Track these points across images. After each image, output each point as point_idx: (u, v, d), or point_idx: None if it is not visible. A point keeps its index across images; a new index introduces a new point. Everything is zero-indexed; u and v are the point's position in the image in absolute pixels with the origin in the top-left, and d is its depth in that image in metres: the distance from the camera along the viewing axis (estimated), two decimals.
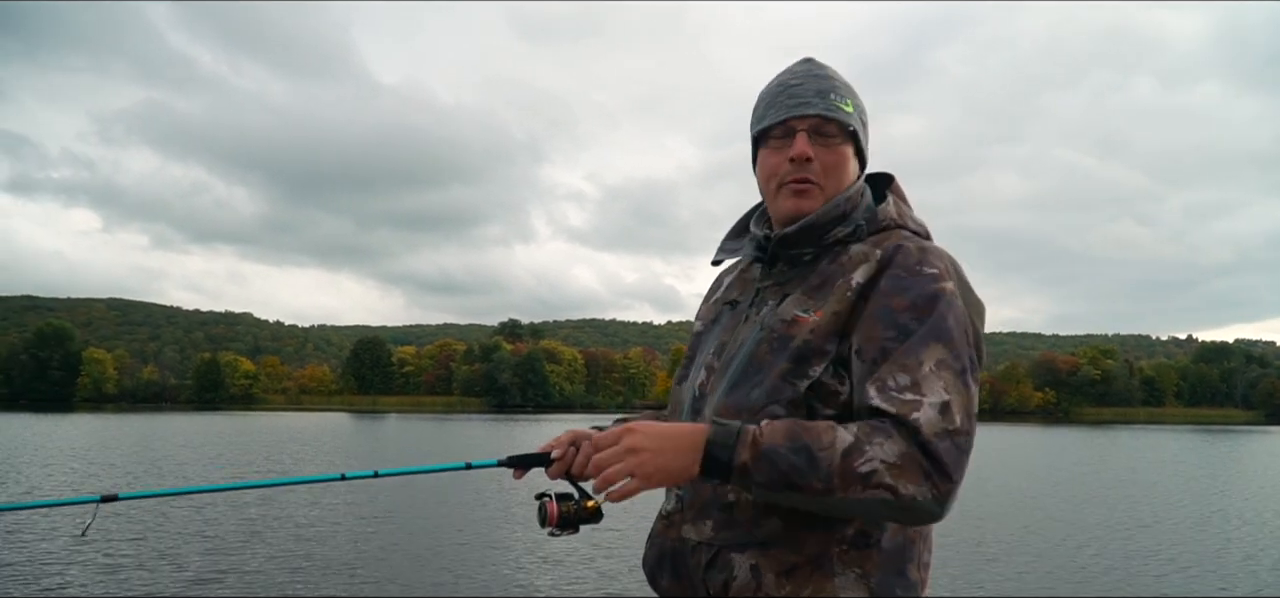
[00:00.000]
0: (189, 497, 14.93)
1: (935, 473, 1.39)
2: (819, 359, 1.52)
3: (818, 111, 1.61)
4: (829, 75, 1.66)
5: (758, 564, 1.51)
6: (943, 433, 1.40)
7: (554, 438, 1.78)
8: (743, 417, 1.52)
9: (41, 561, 10.38)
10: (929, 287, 1.50)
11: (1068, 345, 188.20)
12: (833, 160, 1.62)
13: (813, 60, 1.69)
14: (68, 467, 22.73)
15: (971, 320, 1.53)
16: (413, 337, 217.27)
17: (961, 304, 1.52)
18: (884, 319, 1.49)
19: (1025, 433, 62.76)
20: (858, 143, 1.65)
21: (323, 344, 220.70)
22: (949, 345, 1.46)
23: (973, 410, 1.45)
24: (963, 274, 1.59)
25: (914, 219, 1.67)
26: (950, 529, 14.33)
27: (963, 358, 1.47)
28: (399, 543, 11.87)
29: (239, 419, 67.20)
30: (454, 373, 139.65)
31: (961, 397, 1.44)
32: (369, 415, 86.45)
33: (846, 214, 1.61)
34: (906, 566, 1.53)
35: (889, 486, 1.38)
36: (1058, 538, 13.96)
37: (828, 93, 1.63)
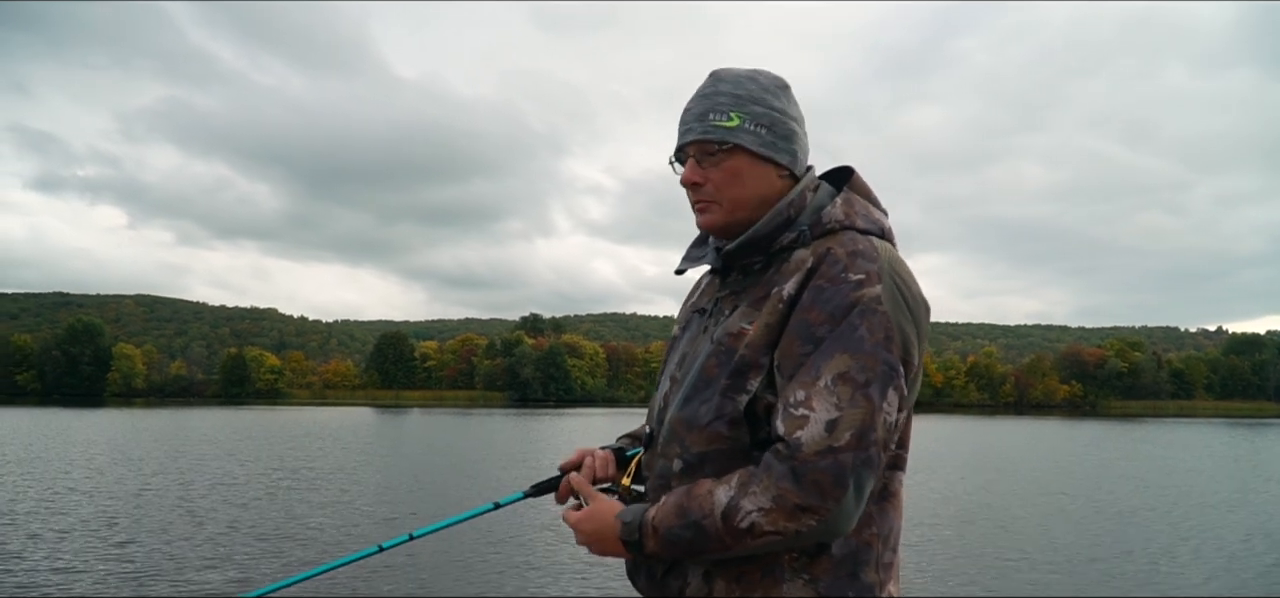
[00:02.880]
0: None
1: (813, 498, 1.41)
2: (755, 373, 1.54)
3: (695, 137, 1.64)
4: (715, 93, 1.66)
5: (709, 571, 1.56)
6: (823, 452, 1.41)
7: (569, 458, 1.92)
8: (692, 432, 1.58)
9: None
10: (848, 295, 1.48)
11: (1094, 338, 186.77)
12: (721, 176, 1.64)
13: (715, 74, 1.71)
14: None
15: (901, 326, 1.49)
16: (435, 331, 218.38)
17: (887, 309, 1.48)
18: (801, 333, 1.50)
19: (1051, 426, 62.32)
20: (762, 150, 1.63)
21: (346, 339, 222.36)
22: (855, 355, 1.45)
23: (870, 424, 1.43)
24: (900, 272, 1.55)
25: (865, 216, 1.63)
26: (962, 526, 14.34)
27: (870, 370, 1.45)
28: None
29: (265, 414, 67.81)
30: (476, 368, 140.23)
31: (857, 412, 1.43)
32: (392, 410, 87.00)
33: (791, 220, 1.62)
34: (860, 569, 1.53)
35: (771, 531, 1.42)
36: (1076, 534, 13.90)
37: (707, 114, 1.64)
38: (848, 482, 1.41)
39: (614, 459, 1.92)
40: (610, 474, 1.88)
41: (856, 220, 1.62)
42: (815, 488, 1.40)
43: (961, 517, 15.43)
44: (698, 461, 1.57)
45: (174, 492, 17.20)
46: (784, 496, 1.41)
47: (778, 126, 1.65)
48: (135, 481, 19.11)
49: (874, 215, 1.65)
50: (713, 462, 1.56)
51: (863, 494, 1.45)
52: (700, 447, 1.58)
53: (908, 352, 1.50)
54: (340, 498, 16.56)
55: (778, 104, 1.66)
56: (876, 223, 1.64)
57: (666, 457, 1.64)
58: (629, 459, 1.86)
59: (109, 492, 17.15)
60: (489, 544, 11.82)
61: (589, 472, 1.85)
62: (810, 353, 1.48)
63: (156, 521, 13.54)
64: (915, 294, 1.56)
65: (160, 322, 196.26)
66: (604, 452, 1.92)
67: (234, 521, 13.66)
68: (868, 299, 1.48)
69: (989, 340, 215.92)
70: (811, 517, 1.41)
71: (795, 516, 1.41)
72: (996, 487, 20.88)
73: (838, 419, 1.42)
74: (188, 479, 19.44)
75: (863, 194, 1.69)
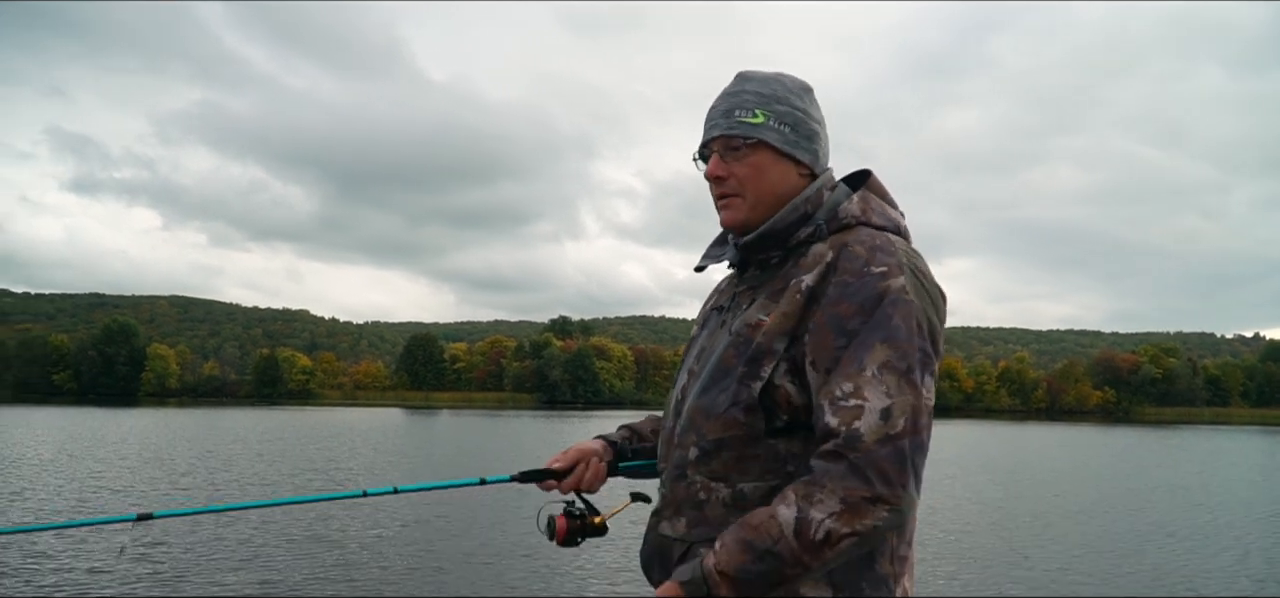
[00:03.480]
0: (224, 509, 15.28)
1: (881, 487, 1.43)
2: (769, 360, 1.58)
3: (720, 132, 1.71)
4: (741, 91, 1.72)
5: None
6: (884, 440, 1.43)
7: (561, 453, 1.96)
8: (709, 420, 1.64)
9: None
10: (875, 286, 1.52)
11: (1128, 343, 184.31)
12: (745, 171, 1.70)
13: (741, 74, 1.77)
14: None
15: (927, 314, 1.55)
16: (464, 333, 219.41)
17: (914, 298, 1.53)
18: (833, 327, 1.53)
19: (1083, 433, 61.57)
20: (785, 147, 1.69)
21: (376, 341, 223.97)
22: (893, 345, 1.49)
23: (919, 409, 1.47)
24: (919, 265, 1.60)
25: (881, 213, 1.68)
26: (982, 530, 14.20)
27: (909, 357, 1.49)
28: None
29: (297, 414, 68.40)
30: (505, 369, 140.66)
31: (906, 398, 1.47)
32: (422, 411, 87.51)
33: (808, 215, 1.67)
34: (876, 561, 1.55)
35: (847, 534, 1.43)
36: (1108, 540, 13.71)
37: (733, 110, 1.70)
38: (908, 467, 1.45)
39: (610, 453, 1.99)
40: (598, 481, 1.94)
41: (872, 217, 1.66)
42: (882, 477, 1.43)
43: (989, 521, 15.27)
44: (714, 447, 1.62)
45: (204, 491, 17.39)
46: (851, 494, 1.43)
47: (801, 126, 1.70)
48: (167, 480, 19.34)
49: (890, 213, 1.70)
50: (729, 448, 1.61)
51: (920, 479, 1.49)
52: (716, 434, 1.62)
53: (936, 339, 1.56)
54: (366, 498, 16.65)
55: (801, 105, 1.72)
56: (892, 220, 1.69)
57: (683, 446, 1.69)
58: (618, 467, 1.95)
59: (140, 491, 17.37)
60: (496, 542, 11.83)
61: (577, 480, 1.94)
62: (846, 346, 1.51)
63: (186, 520, 13.69)
64: (934, 285, 1.61)
65: (194, 322, 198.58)
66: (599, 463, 1.96)
67: (263, 520, 13.78)
68: (895, 290, 1.52)
69: (1020, 345, 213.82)
70: (883, 507, 1.43)
71: (868, 510, 1.43)
72: (1025, 492, 20.65)
73: (891, 406, 1.45)
74: (218, 479, 19.64)
75: (879, 195, 1.73)
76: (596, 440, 2.04)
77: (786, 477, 1.57)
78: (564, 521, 1.87)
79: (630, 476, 2.01)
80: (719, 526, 1.59)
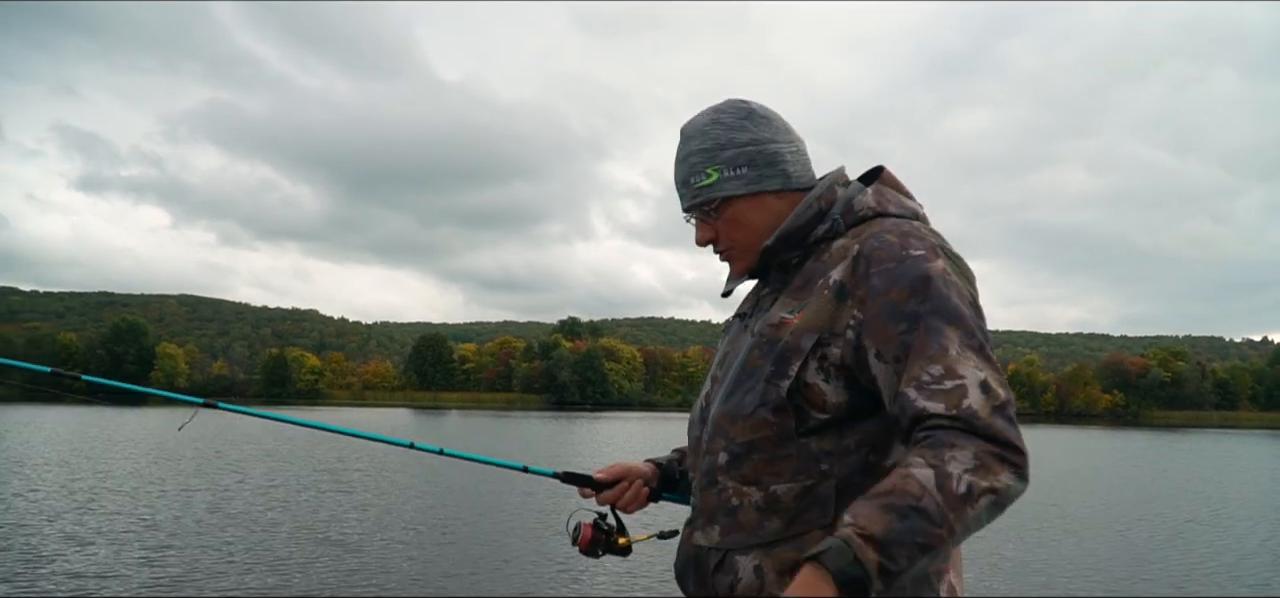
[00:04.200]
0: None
1: (1008, 452, 1.38)
2: (796, 357, 1.54)
3: (687, 205, 1.73)
4: (687, 156, 1.71)
5: (760, 565, 1.55)
6: (995, 411, 1.40)
7: (608, 467, 1.98)
8: (737, 423, 1.60)
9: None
10: (920, 268, 1.49)
11: (1137, 346, 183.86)
12: (725, 227, 1.70)
13: (682, 131, 1.75)
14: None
15: (972, 292, 1.53)
16: (473, 334, 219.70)
17: (957, 276, 1.51)
18: (891, 315, 1.48)
19: (1092, 435, 61.36)
20: (749, 189, 1.67)
21: (385, 340, 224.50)
22: (961, 324, 1.46)
23: (1003, 378, 1.45)
24: (948, 247, 1.57)
25: (898, 203, 1.66)
26: (989, 532, 14.15)
27: (977, 333, 1.46)
28: (450, 519, 12.09)
29: (306, 414, 68.45)
30: (514, 370, 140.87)
31: (993, 369, 1.44)
32: (431, 411, 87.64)
33: (823, 212, 1.65)
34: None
35: (985, 488, 1.35)
36: (1116, 543, 13.68)
37: (688, 179, 1.71)
38: (1019, 431, 1.41)
39: (657, 477, 1.97)
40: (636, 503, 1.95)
41: (889, 207, 1.64)
42: (1006, 441, 1.38)
43: (997, 523, 15.22)
44: (744, 450, 1.58)
45: (213, 493, 17.45)
46: (984, 453, 1.37)
47: (756, 159, 1.67)
48: (175, 480, 19.40)
49: (907, 203, 1.67)
50: (759, 450, 1.57)
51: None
52: (746, 436, 1.58)
53: (981, 317, 1.52)
54: (376, 500, 16.71)
55: (746, 137, 1.67)
56: (910, 209, 1.66)
57: (712, 452, 1.65)
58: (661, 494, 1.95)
59: (147, 492, 17.43)
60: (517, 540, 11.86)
61: (617, 496, 1.94)
62: (911, 330, 1.46)
63: (194, 521, 13.75)
64: (965, 265, 1.58)
65: (203, 321, 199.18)
66: (642, 487, 1.96)
67: (272, 522, 13.84)
68: (940, 271, 1.49)
69: (1030, 348, 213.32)
70: (1011, 467, 1.38)
71: (1001, 467, 1.37)
72: (1034, 494, 20.60)
73: (986, 379, 1.42)
74: (227, 481, 19.70)
75: (893, 187, 1.71)
76: (646, 463, 2.01)
77: (821, 476, 1.53)
78: (590, 530, 1.90)
79: (678, 502, 1.98)
80: (753, 531, 1.56)
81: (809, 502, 1.53)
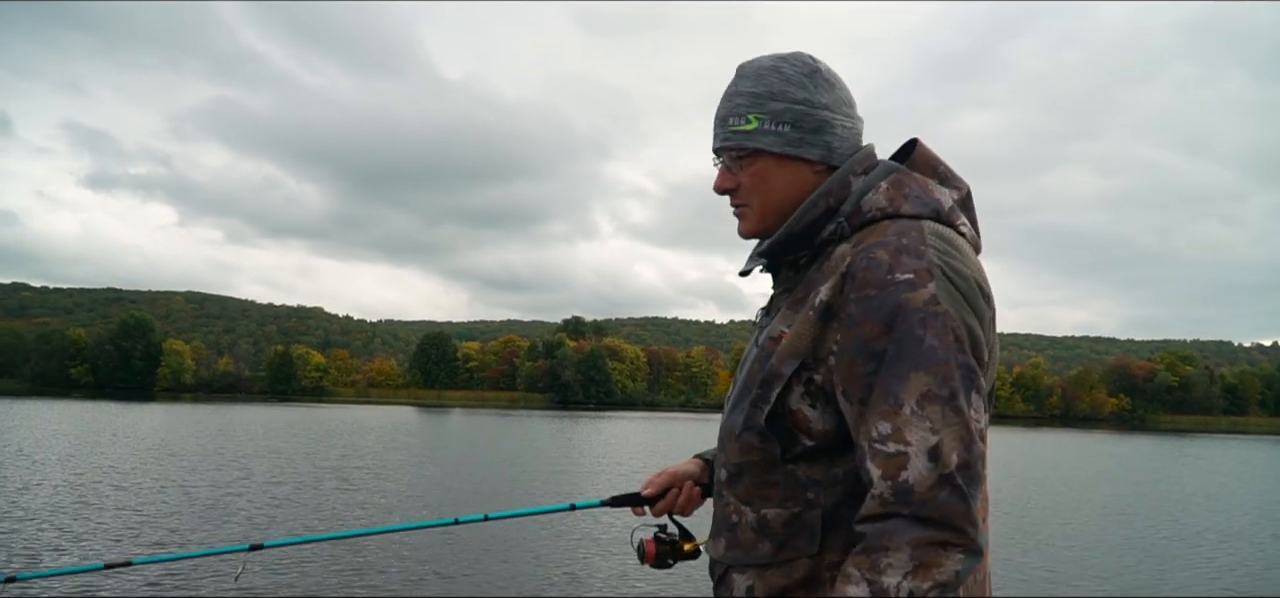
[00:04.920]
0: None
1: (948, 532, 1.28)
2: (777, 383, 1.47)
3: (717, 144, 1.61)
4: (734, 93, 1.59)
5: (753, 585, 1.51)
6: (938, 483, 1.29)
7: (651, 478, 1.93)
8: (732, 442, 1.56)
9: None
10: (899, 298, 1.36)
11: (1143, 351, 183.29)
12: (749, 180, 1.59)
13: (739, 69, 1.63)
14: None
15: (965, 322, 1.37)
16: (477, 332, 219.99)
17: (948, 306, 1.36)
18: (858, 351, 1.38)
19: (1098, 440, 61.26)
20: (786, 149, 1.55)
21: (390, 339, 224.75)
22: (930, 370, 1.33)
23: (970, 438, 1.32)
24: (953, 262, 1.41)
25: (917, 198, 1.50)
26: (996, 538, 14.16)
27: (951, 380, 1.33)
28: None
29: (310, 411, 68.77)
30: (517, 369, 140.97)
31: (954, 430, 1.31)
32: (435, 410, 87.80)
33: (831, 210, 1.52)
34: None
35: (927, 589, 1.28)
36: (1122, 547, 13.68)
37: (727, 118, 1.58)
38: (971, 502, 1.30)
39: (707, 473, 1.91)
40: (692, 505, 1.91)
41: (903, 205, 1.49)
42: (946, 523, 1.29)
43: (1002, 528, 15.25)
44: (737, 471, 1.55)
45: (215, 488, 17.53)
46: (921, 545, 1.28)
47: (803, 120, 1.55)
48: (178, 475, 19.49)
49: (930, 195, 1.51)
50: (749, 473, 1.52)
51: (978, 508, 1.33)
52: (737, 457, 1.55)
53: (977, 347, 1.38)
54: (383, 498, 16.77)
55: (802, 95, 1.55)
56: (929, 203, 1.50)
57: (719, 464, 1.62)
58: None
59: (149, 488, 17.52)
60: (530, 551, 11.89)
61: (670, 505, 1.90)
62: (876, 372, 1.36)
63: (195, 517, 13.82)
64: (971, 280, 1.42)
65: (209, 318, 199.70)
66: (692, 487, 1.90)
67: (274, 519, 13.91)
68: (924, 302, 1.35)
69: (1036, 351, 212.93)
70: (957, 552, 1.29)
71: (943, 558, 1.28)
72: (1038, 498, 20.60)
73: (938, 444, 1.31)
74: (231, 476, 19.79)
75: (927, 167, 1.59)
76: (693, 460, 1.94)
77: (807, 504, 1.47)
78: (653, 545, 1.86)
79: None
80: (748, 551, 1.52)
81: (796, 529, 1.47)
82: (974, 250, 1.52)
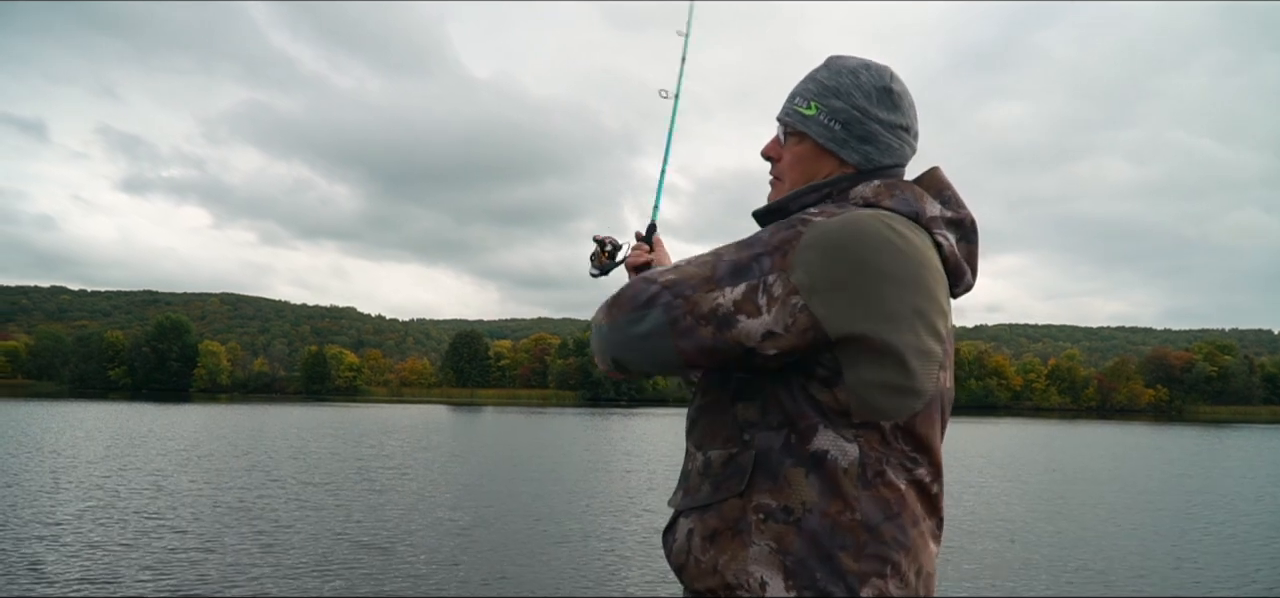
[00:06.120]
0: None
1: (614, 302, 1.52)
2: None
3: (780, 114, 1.73)
4: (811, 78, 1.70)
5: (692, 529, 1.56)
6: (647, 279, 1.50)
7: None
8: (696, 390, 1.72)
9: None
10: (794, 222, 1.50)
11: (1181, 340, 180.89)
12: (789, 157, 1.70)
13: (829, 58, 1.73)
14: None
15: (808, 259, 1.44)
16: (508, 331, 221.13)
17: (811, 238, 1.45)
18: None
19: (1135, 431, 60.34)
20: (829, 143, 1.65)
21: (422, 338, 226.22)
22: (740, 243, 1.50)
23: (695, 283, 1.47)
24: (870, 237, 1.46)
25: (901, 200, 1.57)
26: (1033, 528, 13.91)
27: (738, 254, 1.48)
28: None
29: (344, 411, 69.25)
30: (549, 367, 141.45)
31: (693, 269, 1.49)
32: (466, 408, 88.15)
33: (823, 197, 1.63)
34: (836, 552, 1.43)
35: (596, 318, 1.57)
36: (1159, 541, 13.39)
37: (795, 96, 1.70)
38: (643, 305, 1.48)
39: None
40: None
41: (885, 200, 1.57)
42: (620, 296, 1.52)
43: (1039, 522, 15.00)
44: (696, 416, 1.65)
45: (253, 492, 17.62)
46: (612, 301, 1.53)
47: (854, 125, 1.63)
48: (223, 478, 19.63)
49: (916, 201, 1.58)
50: (705, 415, 1.62)
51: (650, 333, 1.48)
52: (699, 400, 1.65)
53: (793, 278, 1.43)
54: (419, 503, 16.79)
55: (863, 103, 1.63)
56: (910, 205, 1.57)
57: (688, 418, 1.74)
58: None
59: (186, 490, 17.65)
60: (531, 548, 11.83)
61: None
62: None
63: (233, 521, 13.89)
64: (863, 259, 1.45)
65: (244, 320, 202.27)
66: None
67: (294, 522, 13.93)
68: (797, 220, 1.49)
69: (1071, 343, 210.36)
70: (609, 315, 1.52)
71: (604, 312, 1.54)
72: (1075, 492, 20.27)
73: (677, 266, 1.50)
74: (266, 481, 19.89)
75: (934, 187, 1.64)
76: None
77: (743, 445, 1.52)
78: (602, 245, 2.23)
79: None
80: (694, 494, 1.58)
81: (732, 470, 1.52)
82: (946, 267, 1.58)
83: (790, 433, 1.48)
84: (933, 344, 1.50)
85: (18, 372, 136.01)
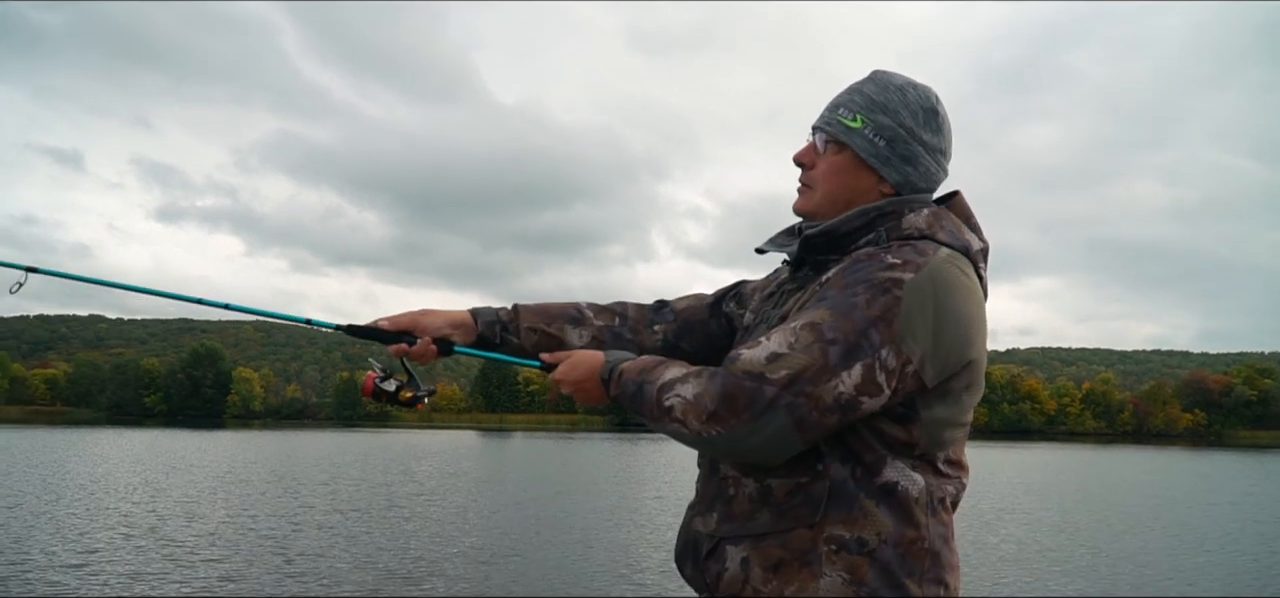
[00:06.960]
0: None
1: (723, 408, 1.43)
2: None
3: (820, 122, 1.69)
4: (858, 90, 1.67)
5: (748, 558, 1.54)
6: (753, 374, 1.42)
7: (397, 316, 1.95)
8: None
9: None
10: (874, 272, 1.47)
11: (1219, 364, 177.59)
12: (826, 166, 1.66)
13: (874, 73, 1.71)
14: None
15: (909, 318, 1.44)
16: None
17: (904, 296, 1.44)
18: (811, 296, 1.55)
19: (1172, 457, 59.35)
20: (871, 159, 1.63)
21: (452, 363, 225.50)
22: (836, 313, 1.44)
23: (812, 376, 1.41)
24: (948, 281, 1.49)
25: (950, 232, 1.59)
26: (1071, 556, 13.71)
27: (844, 332, 1.42)
28: None
29: (375, 437, 69.59)
30: None
31: (805, 358, 1.42)
32: (496, 434, 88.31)
33: (872, 223, 1.60)
34: (905, 580, 1.48)
35: (680, 421, 1.48)
36: (1197, 570, 13.15)
37: (839, 106, 1.67)
38: (764, 413, 1.42)
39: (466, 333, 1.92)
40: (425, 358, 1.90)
41: (939, 232, 1.57)
42: (729, 402, 1.43)
43: (1074, 551, 14.78)
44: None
45: (286, 519, 17.74)
46: (702, 397, 1.45)
47: (898, 143, 1.63)
48: (255, 505, 19.77)
49: (963, 235, 1.60)
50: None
51: (774, 438, 1.44)
52: None
53: (904, 349, 1.44)
54: (447, 529, 16.83)
55: (910, 123, 1.63)
56: (962, 241, 1.59)
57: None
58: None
59: (219, 518, 17.78)
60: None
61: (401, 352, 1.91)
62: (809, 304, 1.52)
63: (263, 549, 13.99)
64: (952, 310, 1.48)
65: (276, 346, 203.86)
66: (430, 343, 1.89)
67: (324, 550, 13.99)
68: (888, 280, 1.45)
69: (1105, 366, 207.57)
70: (716, 425, 1.44)
71: (703, 419, 1.45)
72: (1110, 519, 19.96)
73: (783, 356, 1.42)
74: (297, 506, 20.02)
75: (963, 215, 1.66)
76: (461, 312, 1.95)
77: (815, 475, 1.51)
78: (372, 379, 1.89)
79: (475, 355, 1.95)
80: (744, 522, 1.56)
81: (799, 499, 1.51)
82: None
83: (857, 466, 1.50)
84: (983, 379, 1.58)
85: (57, 399, 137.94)
